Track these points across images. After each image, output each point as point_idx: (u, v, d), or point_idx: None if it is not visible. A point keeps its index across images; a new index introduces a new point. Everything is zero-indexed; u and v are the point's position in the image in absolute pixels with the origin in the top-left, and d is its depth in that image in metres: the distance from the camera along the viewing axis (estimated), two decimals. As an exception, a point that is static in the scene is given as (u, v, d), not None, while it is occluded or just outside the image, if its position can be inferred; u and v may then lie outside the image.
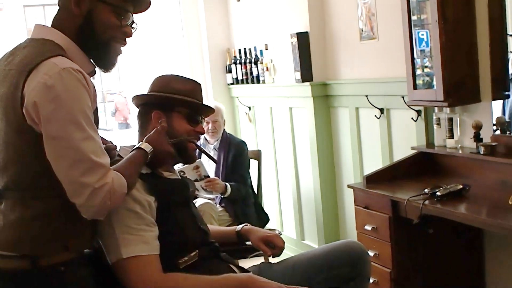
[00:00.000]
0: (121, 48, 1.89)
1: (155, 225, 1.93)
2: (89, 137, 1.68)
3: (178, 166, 3.76)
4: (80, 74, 1.68)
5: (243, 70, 5.13)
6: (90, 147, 1.67)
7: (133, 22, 1.89)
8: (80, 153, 1.65)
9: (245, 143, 4.29)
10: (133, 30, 1.88)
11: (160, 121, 2.03)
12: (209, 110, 2.23)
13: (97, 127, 1.77)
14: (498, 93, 2.98)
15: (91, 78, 1.80)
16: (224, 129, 4.29)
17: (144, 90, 2.22)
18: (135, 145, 1.95)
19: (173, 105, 2.11)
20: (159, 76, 2.19)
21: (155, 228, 1.93)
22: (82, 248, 1.82)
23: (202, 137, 4.21)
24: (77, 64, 1.72)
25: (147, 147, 1.91)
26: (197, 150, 2.23)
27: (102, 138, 2.04)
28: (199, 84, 2.20)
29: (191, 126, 2.14)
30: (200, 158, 4.07)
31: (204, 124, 4.17)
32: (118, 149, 2.09)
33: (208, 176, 4.02)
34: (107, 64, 1.87)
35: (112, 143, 2.11)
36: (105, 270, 1.91)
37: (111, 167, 1.75)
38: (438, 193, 2.69)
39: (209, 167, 4.13)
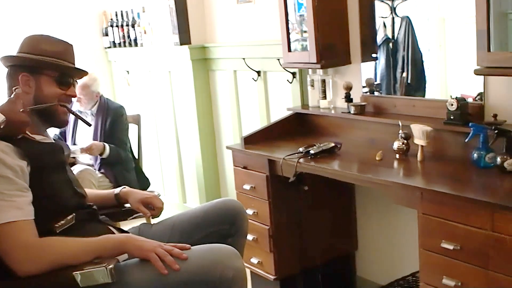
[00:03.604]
0: None
1: (29, 190, 1.88)
2: None
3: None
4: None
5: (120, 33, 5.02)
6: None
7: None
8: None
9: (123, 107, 4.22)
10: None
11: (15, 88, 1.95)
12: (81, 73, 2.17)
13: None
14: (367, 56, 3.13)
15: None
16: (101, 95, 4.19)
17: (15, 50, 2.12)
18: None
19: (42, 68, 2.03)
20: (29, 36, 2.10)
21: (29, 193, 1.87)
22: None
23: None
24: None
25: None
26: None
27: None
28: (71, 45, 2.12)
29: (61, 89, 2.07)
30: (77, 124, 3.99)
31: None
32: None
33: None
34: None
35: None
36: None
37: None
38: (311, 151, 2.80)
39: (86, 133, 4.04)
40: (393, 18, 3.00)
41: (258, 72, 3.77)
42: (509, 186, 2.20)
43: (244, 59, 3.80)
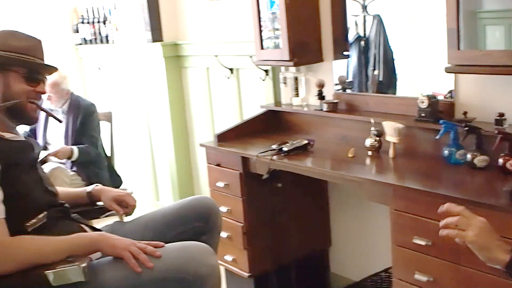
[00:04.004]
0: None
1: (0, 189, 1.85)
2: None
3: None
4: None
5: (91, 30, 4.97)
6: None
7: None
8: None
9: (94, 105, 4.17)
10: None
11: None
12: (50, 69, 2.13)
13: None
14: (339, 54, 3.15)
15: None
16: (72, 92, 4.14)
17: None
18: None
19: (10, 64, 1.99)
20: (-4, 31, 2.06)
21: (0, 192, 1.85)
22: None
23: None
24: None
25: None
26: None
27: None
28: (40, 41, 2.08)
29: (30, 86, 2.03)
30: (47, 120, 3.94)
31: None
32: None
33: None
34: None
35: None
36: None
37: None
38: (284, 149, 2.82)
39: (57, 130, 3.99)
40: (364, 17, 3.02)
41: (231, 70, 3.77)
42: (479, 182, 2.24)
43: (216, 56, 3.79)
